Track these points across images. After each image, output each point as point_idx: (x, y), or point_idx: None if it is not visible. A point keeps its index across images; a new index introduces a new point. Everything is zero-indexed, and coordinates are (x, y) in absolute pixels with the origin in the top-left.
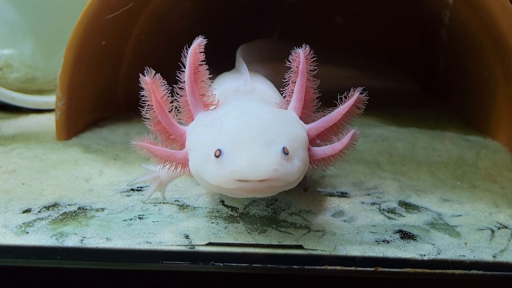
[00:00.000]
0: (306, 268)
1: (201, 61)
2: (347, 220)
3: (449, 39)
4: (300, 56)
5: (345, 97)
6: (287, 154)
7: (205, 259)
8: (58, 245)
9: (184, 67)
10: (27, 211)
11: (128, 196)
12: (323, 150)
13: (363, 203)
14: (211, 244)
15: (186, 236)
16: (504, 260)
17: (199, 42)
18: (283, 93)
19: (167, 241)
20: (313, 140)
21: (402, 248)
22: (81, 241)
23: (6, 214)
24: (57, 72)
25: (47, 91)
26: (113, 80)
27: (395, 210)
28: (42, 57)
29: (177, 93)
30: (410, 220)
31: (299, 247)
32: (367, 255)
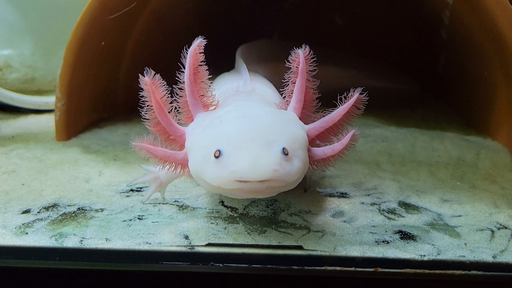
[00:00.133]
0: (305, 268)
1: (201, 61)
2: (346, 221)
3: (449, 39)
4: (300, 56)
5: (345, 97)
6: (287, 155)
7: (205, 260)
8: (58, 246)
9: (184, 67)
10: (27, 211)
11: (127, 196)
12: (323, 151)
13: (363, 203)
14: (210, 245)
15: (186, 236)
16: (504, 260)
17: (198, 42)
18: (282, 93)
19: (167, 241)
20: (313, 141)
21: (402, 248)
22: (81, 241)
23: (6, 214)
24: (56, 72)
25: (46, 91)
26: (112, 80)
27: (395, 210)
28: (41, 57)
29: (177, 94)
30: (410, 221)
31: (299, 247)
32: (367, 255)
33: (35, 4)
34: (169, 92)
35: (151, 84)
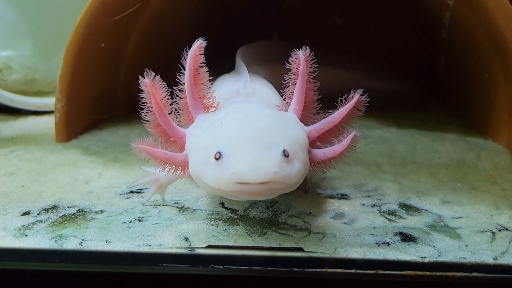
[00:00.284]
0: (306, 270)
1: (201, 63)
2: (347, 222)
3: (449, 40)
4: (300, 57)
5: (346, 99)
6: (287, 157)
7: (205, 262)
8: (57, 248)
9: (184, 69)
10: (26, 213)
11: (127, 198)
12: (323, 152)
13: (364, 205)
14: (211, 247)
15: (186, 238)
16: (505, 262)
17: (199, 44)
18: (283, 95)
19: (167, 243)
20: (314, 142)
21: (403, 250)
22: (81, 243)
23: (5, 216)
24: (56, 73)
25: (46, 93)
26: (112, 82)
27: (395, 212)
28: (41, 58)
29: (177, 95)
30: (411, 222)
31: (299, 249)
32: (367, 257)
33: (35, 5)
34: (169, 94)
35: (151, 86)
